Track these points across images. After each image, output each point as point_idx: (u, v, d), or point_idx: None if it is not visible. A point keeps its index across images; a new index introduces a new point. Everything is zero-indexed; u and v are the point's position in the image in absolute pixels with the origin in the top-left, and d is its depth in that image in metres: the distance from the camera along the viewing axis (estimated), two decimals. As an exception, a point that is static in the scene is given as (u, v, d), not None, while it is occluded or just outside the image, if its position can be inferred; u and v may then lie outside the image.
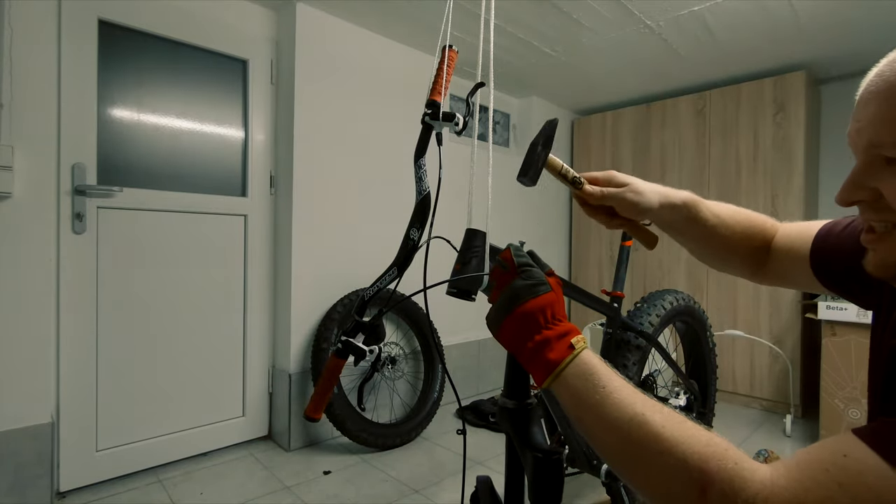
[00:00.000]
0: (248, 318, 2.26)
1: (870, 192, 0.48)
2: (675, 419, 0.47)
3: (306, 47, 2.24)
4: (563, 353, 0.53)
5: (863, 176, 0.48)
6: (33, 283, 1.67)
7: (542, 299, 0.56)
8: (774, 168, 2.84)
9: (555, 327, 0.55)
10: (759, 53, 2.69)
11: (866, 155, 0.48)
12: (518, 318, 0.56)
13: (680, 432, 0.45)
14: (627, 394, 0.50)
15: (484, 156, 2.72)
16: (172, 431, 2.04)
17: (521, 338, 0.55)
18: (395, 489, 1.91)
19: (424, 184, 0.98)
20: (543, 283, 0.57)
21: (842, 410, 2.11)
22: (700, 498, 0.42)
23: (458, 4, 2.16)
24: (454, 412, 2.78)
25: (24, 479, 1.64)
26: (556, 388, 0.53)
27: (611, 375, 0.51)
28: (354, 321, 0.99)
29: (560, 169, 0.69)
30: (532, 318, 0.55)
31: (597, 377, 0.51)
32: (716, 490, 0.42)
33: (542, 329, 0.54)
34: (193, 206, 2.08)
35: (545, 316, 0.55)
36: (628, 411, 0.48)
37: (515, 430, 0.64)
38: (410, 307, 2.53)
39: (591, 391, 0.50)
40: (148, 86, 1.98)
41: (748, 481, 0.41)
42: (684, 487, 0.43)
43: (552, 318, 0.55)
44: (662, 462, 0.45)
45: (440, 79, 0.93)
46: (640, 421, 0.47)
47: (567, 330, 0.55)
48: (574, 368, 0.52)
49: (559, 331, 0.54)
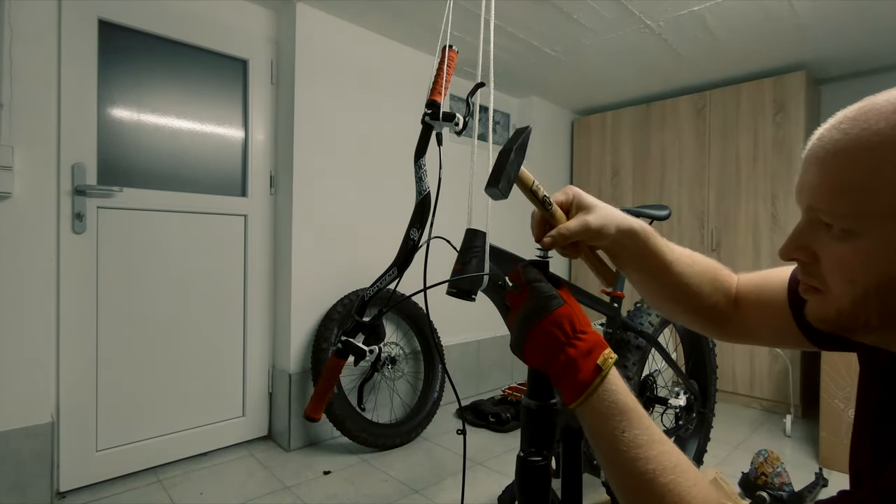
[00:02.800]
0: (248, 318, 2.26)
1: (809, 254, 0.48)
2: (684, 483, 0.47)
3: (306, 47, 2.24)
4: (590, 377, 0.51)
5: (804, 235, 0.48)
6: (33, 283, 1.67)
7: (558, 314, 0.53)
8: (774, 168, 2.84)
9: (579, 343, 0.52)
10: (759, 53, 2.69)
11: (807, 215, 0.48)
12: (538, 337, 0.54)
13: (681, 499, 0.46)
14: (644, 442, 0.49)
15: (484, 156, 2.71)
16: (172, 431, 2.04)
17: (547, 357, 0.54)
18: (395, 489, 1.91)
19: (424, 184, 0.98)
20: (555, 296, 0.55)
21: (842, 410, 2.11)
22: None
23: (458, 4, 2.16)
24: (454, 412, 2.78)
25: (24, 479, 1.64)
26: (581, 414, 0.52)
27: (632, 418, 0.50)
28: (354, 321, 0.99)
29: (531, 185, 0.61)
30: (552, 335, 0.53)
31: (619, 418, 0.50)
32: None
33: (564, 346, 0.52)
34: (193, 206, 2.08)
35: (565, 332, 0.53)
36: (640, 466, 0.48)
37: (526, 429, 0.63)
38: (410, 307, 2.53)
39: (612, 432, 0.50)
40: (148, 86, 1.98)
41: None
42: None
43: (574, 334, 0.53)
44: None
45: (440, 79, 0.92)
46: (649, 479, 0.47)
47: (592, 346, 0.52)
48: (598, 402, 0.51)
49: (584, 348, 0.52)
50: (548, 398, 0.62)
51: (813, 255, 0.48)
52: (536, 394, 0.62)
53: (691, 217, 3.17)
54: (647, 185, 3.39)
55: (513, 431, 2.53)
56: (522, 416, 0.64)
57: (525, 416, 0.63)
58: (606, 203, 0.64)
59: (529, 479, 0.61)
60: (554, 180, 3.74)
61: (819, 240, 0.47)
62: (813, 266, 0.48)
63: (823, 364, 2.18)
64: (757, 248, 2.90)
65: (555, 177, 3.75)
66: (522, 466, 0.61)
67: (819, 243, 0.47)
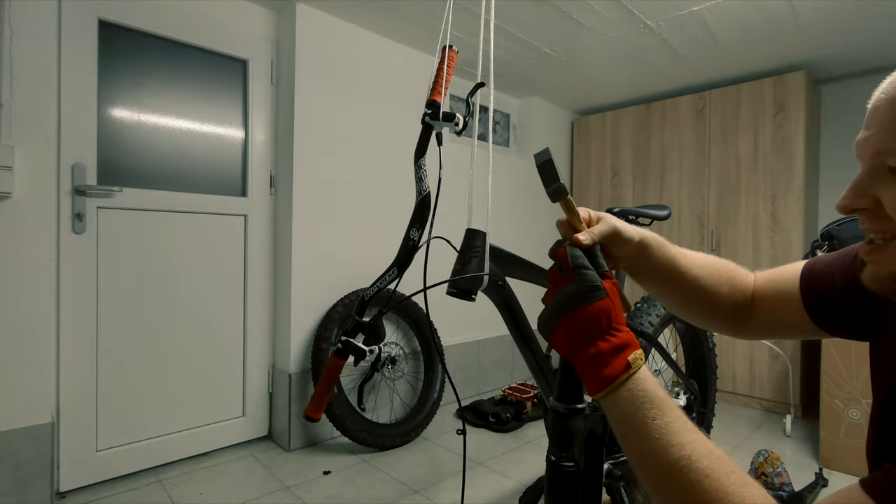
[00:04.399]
0: (248, 318, 2.26)
1: (871, 201, 0.48)
2: (721, 469, 0.46)
3: (306, 47, 2.24)
4: (618, 370, 0.51)
5: (865, 184, 0.48)
6: (33, 283, 1.67)
7: (597, 307, 0.53)
8: (774, 168, 2.84)
9: (612, 339, 0.52)
10: (759, 53, 2.69)
11: (871, 163, 0.48)
12: (571, 324, 0.54)
13: (720, 485, 0.44)
14: (676, 430, 0.48)
15: (484, 156, 2.72)
16: (172, 431, 2.04)
17: (575, 346, 0.54)
18: (395, 489, 1.91)
19: (424, 184, 0.98)
20: (599, 287, 0.54)
21: (842, 410, 2.11)
22: None
23: (458, 4, 2.16)
24: (454, 412, 2.78)
25: (24, 479, 1.64)
26: (606, 405, 0.52)
27: (664, 406, 0.50)
28: (354, 321, 0.99)
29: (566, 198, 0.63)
30: (587, 326, 0.53)
31: (649, 405, 0.49)
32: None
33: (597, 340, 0.52)
34: (193, 206, 2.08)
35: (600, 325, 0.52)
36: (675, 453, 0.47)
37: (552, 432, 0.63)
38: (410, 307, 2.53)
39: (641, 420, 0.49)
40: (148, 86, 1.98)
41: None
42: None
43: (608, 328, 0.53)
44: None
45: (440, 79, 0.92)
46: (685, 465, 0.46)
47: (624, 343, 0.52)
48: (626, 392, 0.50)
49: (616, 343, 0.52)
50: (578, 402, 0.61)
51: (876, 202, 0.47)
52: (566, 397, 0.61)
53: (691, 217, 3.17)
54: (647, 185, 3.39)
55: (513, 431, 2.53)
56: (551, 418, 0.62)
57: (553, 418, 0.62)
58: None
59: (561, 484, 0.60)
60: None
61: (883, 187, 0.46)
62: (877, 212, 0.48)
63: (823, 364, 2.18)
64: (757, 248, 2.90)
65: (555, 177, 3.75)
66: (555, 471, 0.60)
67: (882, 189, 0.47)
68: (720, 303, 0.72)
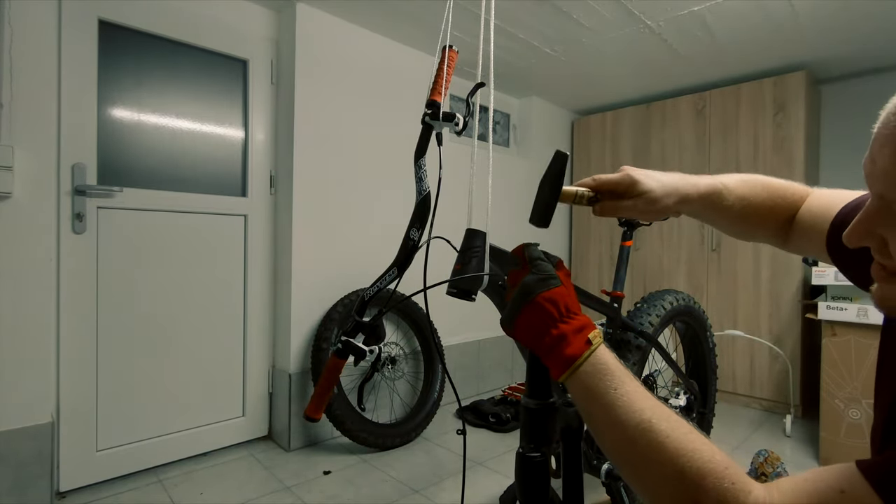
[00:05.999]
0: (248, 318, 2.26)
1: (877, 241, 0.47)
2: (681, 430, 0.47)
3: (306, 47, 2.24)
4: (580, 349, 0.53)
5: (873, 222, 0.46)
6: (33, 283, 1.67)
7: (554, 292, 0.56)
8: (774, 168, 2.84)
9: (570, 321, 0.55)
10: (759, 53, 2.69)
11: (878, 202, 0.46)
12: (531, 312, 0.56)
13: (683, 444, 0.46)
14: (638, 398, 0.50)
15: (484, 156, 2.72)
16: (172, 431, 2.04)
17: (537, 332, 0.56)
18: (395, 489, 1.91)
19: (424, 184, 0.99)
20: (553, 276, 0.57)
21: (842, 410, 2.11)
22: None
23: (458, 4, 2.16)
24: (454, 412, 2.78)
25: (24, 479, 1.64)
26: (570, 384, 0.53)
27: (624, 377, 0.52)
28: (354, 321, 0.99)
29: (574, 198, 0.68)
30: (545, 311, 0.55)
31: (610, 377, 0.51)
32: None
33: (557, 323, 0.55)
34: (193, 206, 2.08)
35: (559, 309, 0.55)
36: (636, 417, 0.48)
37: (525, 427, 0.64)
38: (410, 307, 2.53)
39: (604, 391, 0.51)
40: (148, 86, 1.98)
41: (744, 499, 0.42)
42: (677, 500, 0.44)
43: (566, 312, 0.55)
44: (661, 472, 0.46)
45: (440, 79, 0.93)
46: (646, 428, 0.47)
47: (584, 325, 0.55)
48: (589, 366, 0.52)
49: (575, 325, 0.54)
50: (546, 397, 0.63)
51: (881, 241, 0.47)
52: (535, 392, 0.63)
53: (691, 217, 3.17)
54: (647, 185, 3.38)
55: (513, 431, 2.53)
56: (521, 414, 0.65)
57: (524, 414, 0.64)
58: None
59: (528, 474, 0.62)
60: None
61: (888, 226, 0.45)
62: (883, 249, 0.47)
63: (823, 364, 2.18)
64: (757, 248, 2.90)
65: (555, 177, 3.75)
66: (521, 462, 0.62)
67: (888, 229, 0.46)
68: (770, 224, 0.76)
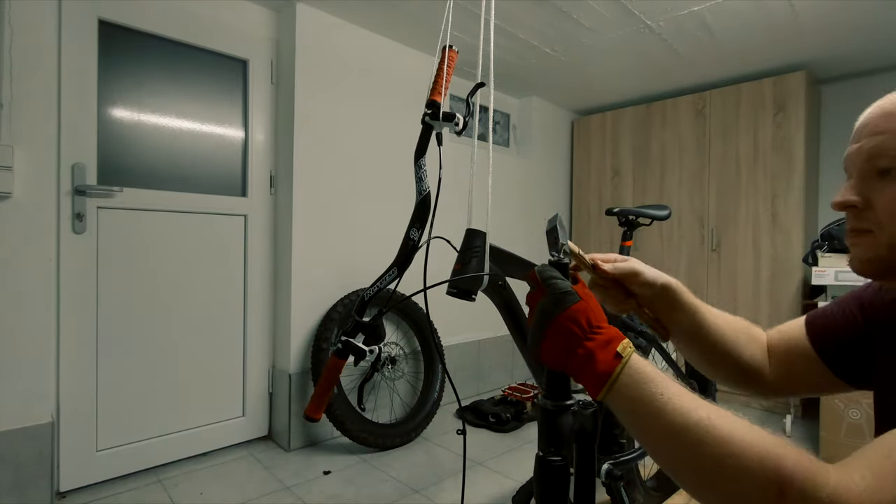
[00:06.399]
0: (248, 318, 2.26)
1: (862, 200, 0.57)
2: (741, 421, 0.47)
3: (306, 47, 2.24)
4: (611, 365, 0.50)
5: (858, 186, 0.57)
6: (33, 283, 1.67)
7: (573, 310, 0.53)
8: (774, 168, 2.84)
9: (596, 336, 0.52)
10: (759, 53, 2.69)
11: (861, 170, 0.57)
12: (554, 334, 0.54)
13: (750, 435, 0.45)
14: (689, 399, 0.48)
15: (484, 156, 2.72)
16: (172, 431, 2.04)
17: (563, 354, 0.54)
18: (395, 489, 1.91)
19: (424, 184, 0.98)
20: (570, 292, 0.55)
21: (842, 410, 2.11)
22: (779, 498, 0.42)
23: (458, 4, 2.16)
24: (454, 412, 2.78)
25: (24, 479, 1.64)
26: (612, 401, 0.51)
27: (666, 381, 0.50)
28: (354, 321, 0.99)
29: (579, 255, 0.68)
30: (568, 331, 0.53)
31: (653, 384, 0.49)
32: (796, 489, 0.41)
33: (582, 341, 0.52)
34: (193, 206, 2.08)
35: (580, 326, 0.53)
36: (693, 416, 0.46)
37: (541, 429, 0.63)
38: (410, 307, 2.53)
39: (650, 399, 0.48)
40: (148, 86, 1.98)
41: (826, 478, 0.42)
42: (762, 488, 0.43)
43: (589, 328, 0.53)
44: (736, 464, 0.44)
45: (440, 79, 0.93)
46: (707, 425, 0.45)
47: (610, 338, 0.52)
48: (627, 378, 0.50)
49: (601, 340, 0.52)
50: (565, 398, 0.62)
51: (867, 201, 0.56)
52: (554, 394, 0.62)
53: (691, 217, 3.17)
54: (647, 185, 3.39)
55: (513, 431, 2.53)
56: (539, 416, 0.63)
57: (542, 416, 0.63)
58: None
59: (549, 479, 0.61)
60: (554, 180, 3.74)
61: (873, 187, 0.56)
62: (866, 212, 0.57)
63: (823, 364, 2.18)
64: (757, 248, 2.90)
65: (555, 177, 3.75)
66: (542, 466, 0.61)
67: (873, 190, 0.56)
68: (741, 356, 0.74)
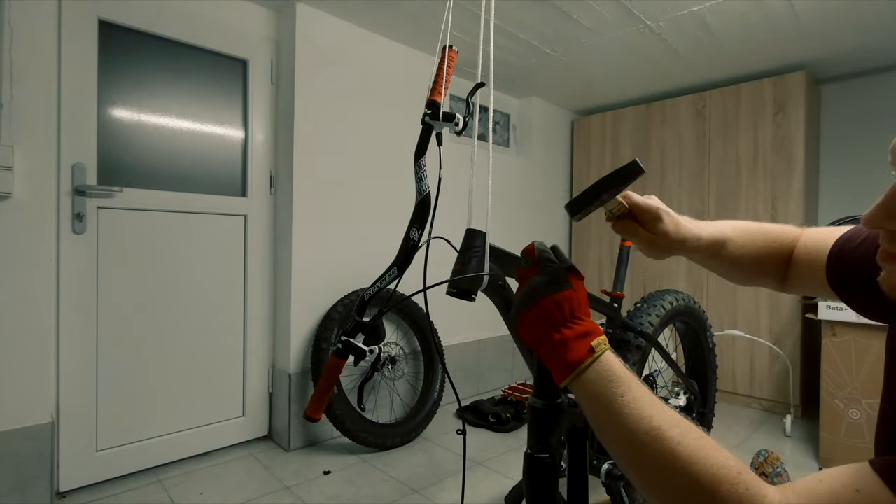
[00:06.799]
0: (248, 318, 2.26)
1: None
2: (692, 436, 0.47)
3: (306, 47, 2.24)
4: (581, 356, 0.52)
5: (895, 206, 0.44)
6: (33, 283, 1.67)
7: (560, 296, 0.55)
8: (774, 168, 2.84)
9: (575, 326, 0.54)
10: (759, 53, 2.69)
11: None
12: (535, 314, 0.55)
13: (695, 451, 0.45)
14: (646, 404, 0.49)
15: (484, 156, 2.72)
16: (172, 431, 2.04)
17: (540, 333, 0.55)
18: (395, 489, 1.91)
19: (424, 184, 0.99)
20: (563, 279, 0.56)
21: (842, 410, 2.11)
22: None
23: (458, 4, 2.16)
24: (454, 412, 2.78)
25: (24, 479, 1.64)
26: (575, 389, 0.53)
27: (631, 383, 0.51)
28: (354, 321, 0.99)
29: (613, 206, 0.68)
30: (549, 315, 0.54)
31: (617, 384, 0.50)
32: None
33: (560, 327, 0.54)
34: (193, 206, 2.08)
35: (563, 313, 0.54)
36: (645, 424, 0.47)
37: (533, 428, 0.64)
38: (410, 307, 2.53)
39: (610, 399, 0.50)
40: (148, 86, 1.98)
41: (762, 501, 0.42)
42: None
43: (571, 317, 0.54)
44: (675, 480, 0.45)
45: (440, 79, 0.93)
46: (657, 435, 0.46)
47: (588, 331, 0.54)
48: (593, 373, 0.51)
49: (579, 331, 0.53)
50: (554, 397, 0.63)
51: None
52: (543, 393, 0.63)
53: (691, 217, 3.16)
54: (647, 186, 3.38)
55: (513, 431, 2.53)
56: (529, 414, 0.65)
57: (531, 414, 0.64)
58: None
59: (537, 475, 0.61)
60: (554, 180, 3.74)
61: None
62: None
63: (823, 364, 2.18)
64: (757, 248, 2.90)
65: (555, 177, 3.75)
66: (530, 463, 0.62)
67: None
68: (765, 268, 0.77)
